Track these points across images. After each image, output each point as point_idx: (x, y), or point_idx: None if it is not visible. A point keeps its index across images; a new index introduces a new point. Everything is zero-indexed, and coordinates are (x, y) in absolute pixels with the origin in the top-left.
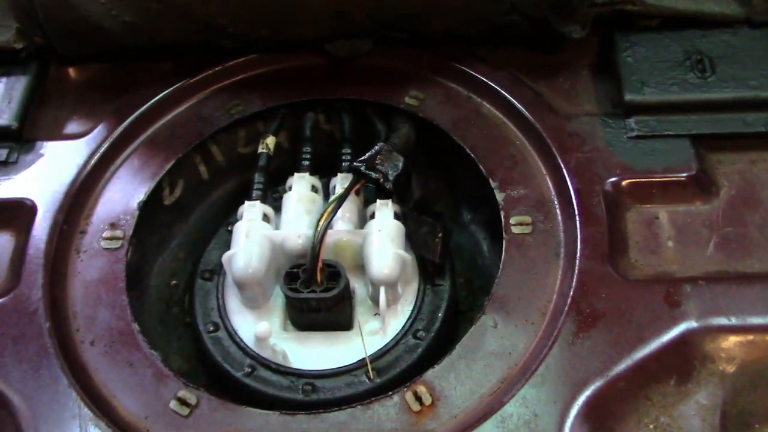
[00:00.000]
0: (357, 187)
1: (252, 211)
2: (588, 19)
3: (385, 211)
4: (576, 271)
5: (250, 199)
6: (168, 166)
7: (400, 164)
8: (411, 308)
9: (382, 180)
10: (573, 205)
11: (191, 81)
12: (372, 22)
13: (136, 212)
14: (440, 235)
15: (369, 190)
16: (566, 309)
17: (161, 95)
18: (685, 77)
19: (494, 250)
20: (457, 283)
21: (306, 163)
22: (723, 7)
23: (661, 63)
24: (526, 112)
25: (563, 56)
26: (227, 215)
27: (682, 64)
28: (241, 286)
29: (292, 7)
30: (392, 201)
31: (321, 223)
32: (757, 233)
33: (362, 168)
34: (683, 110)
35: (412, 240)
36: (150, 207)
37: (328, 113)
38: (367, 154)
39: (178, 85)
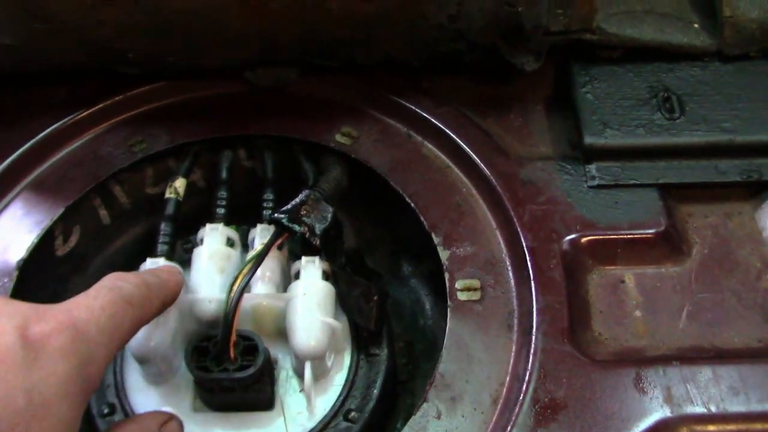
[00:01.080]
0: (278, 242)
1: None
2: (543, 49)
3: (311, 270)
4: (532, 350)
5: (153, 255)
6: (60, 212)
7: (329, 215)
8: (342, 383)
9: (308, 234)
10: (527, 266)
11: (87, 112)
12: (299, 47)
13: (15, 273)
14: (375, 298)
15: (294, 242)
16: (521, 397)
17: (51, 128)
18: (651, 118)
19: (438, 310)
20: (395, 349)
21: (221, 211)
22: (691, 38)
23: (624, 101)
24: (474, 155)
25: (514, 89)
26: (134, 266)
27: (647, 103)
28: (141, 360)
29: (204, 31)
30: (320, 258)
31: (235, 288)
32: (734, 300)
33: (284, 220)
34: (650, 156)
35: (343, 303)
36: (36, 262)
37: (249, 149)
38: (290, 204)
39: (71, 116)
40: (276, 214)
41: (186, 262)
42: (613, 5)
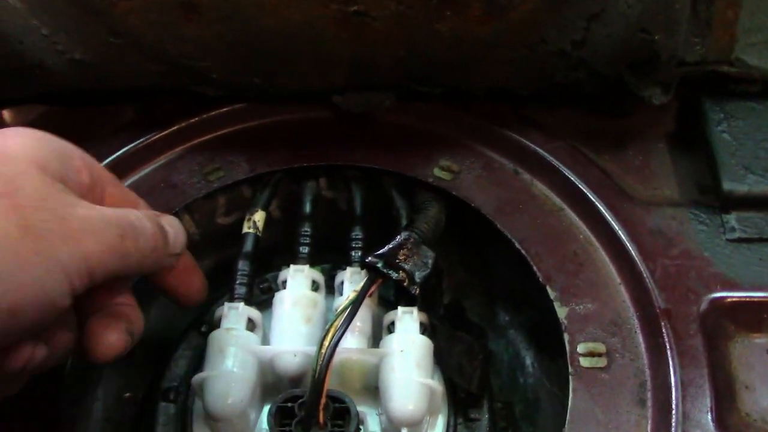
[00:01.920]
0: (373, 290)
1: (233, 316)
2: (673, 81)
3: (408, 323)
4: (673, 429)
5: (231, 299)
6: None
7: (431, 261)
8: None
9: (406, 282)
10: (661, 331)
11: (159, 135)
12: (399, 72)
13: None
14: (480, 357)
15: (386, 288)
16: None
17: (121, 151)
18: None
19: (540, 367)
20: (495, 412)
21: (305, 250)
22: None
23: (767, 142)
24: (592, 197)
25: (633, 123)
26: (202, 306)
27: None
28: (216, 419)
29: (296, 52)
30: (417, 308)
31: (326, 344)
32: None
33: (380, 265)
34: None
35: (442, 360)
36: None
37: (331, 178)
38: (386, 247)
39: (143, 139)
40: (370, 258)
41: (262, 304)
42: (752, 34)
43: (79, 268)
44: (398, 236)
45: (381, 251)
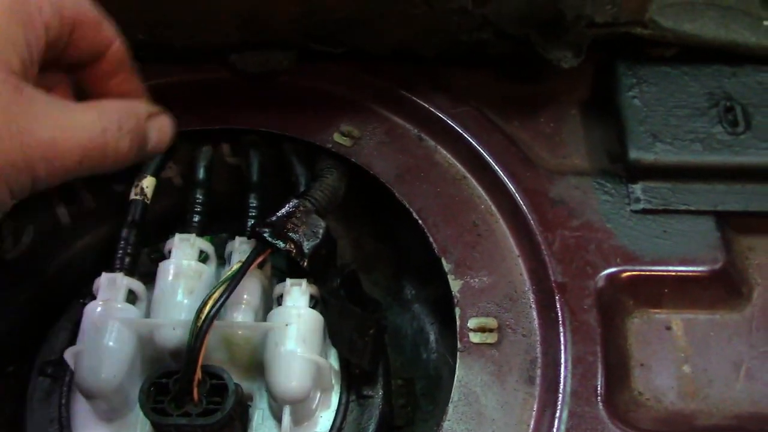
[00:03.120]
0: (258, 261)
1: (111, 288)
2: (584, 43)
3: (296, 296)
4: (558, 412)
5: (111, 268)
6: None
7: (321, 231)
8: (328, 429)
9: (294, 252)
10: (555, 306)
11: None
12: (296, 29)
13: None
14: (372, 332)
15: (280, 258)
16: None
17: None
18: (710, 131)
19: (444, 342)
20: (392, 388)
21: (195, 218)
22: (761, 37)
23: (678, 109)
24: (495, 165)
25: (546, 89)
26: (97, 273)
27: (706, 113)
28: (89, 395)
29: (183, 4)
30: (308, 281)
31: (202, 316)
32: None
33: (267, 235)
34: (707, 177)
35: (334, 335)
36: None
37: (235, 144)
38: (275, 215)
39: None
40: (258, 228)
41: (151, 276)
42: None
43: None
44: (288, 204)
45: (269, 219)
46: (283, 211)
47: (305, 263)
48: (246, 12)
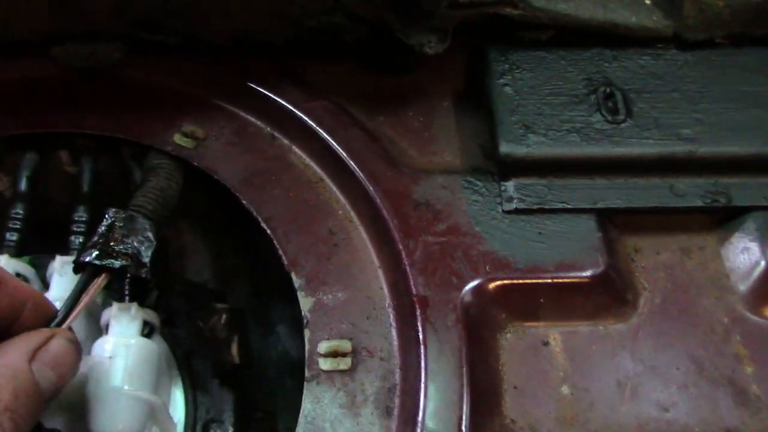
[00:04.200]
0: (93, 291)
1: None
2: (449, 26)
3: (124, 323)
4: None
5: None
6: None
7: (151, 234)
8: None
9: (132, 266)
10: (416, 324)
11: None
12: (119, 16)
13: None
14: (232, 323)
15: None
16: None
17: None
18: (588, 120)
19: None
20: (250, 422)
21: (12, 237)
22: (642, 17)
23: (553, 97)
24: (354, 166)
25: (416, 79)
26: None
27: (584, 100)
28: None
29: None
30: (138, 305)
31: None
32: (695, 371)
33: (94, 259)
34: (586, 171)
35: (196, 336)
36: None
37: (73, 150)
38: (95, 235)
39: None
40: (82, 258)
41: None
42: None
43: None
44: (105, 218)
45: (90, 242)
46: (102, 227)
47: (146, 273)
48: None
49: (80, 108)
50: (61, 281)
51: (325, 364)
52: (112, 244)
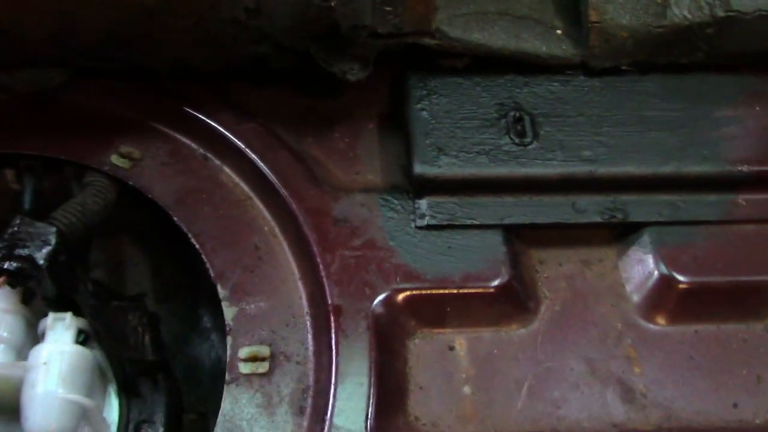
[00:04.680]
0: None
1: None
2: (370, 55)
3: (60, 331)
4: None
5: None
6: None
7: (52, 237)
8: None
9: (28, 269)
10: (330, 330)
11: None
12: (55, 45)
13: None
14: (144, 321)
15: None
16: None
17: None
18: (497, 143)
19: None
20: (184, 423)
21: None
22: (552, 46)
23: (466, 121)
24: (279, 185)
25: (343, 102)
26: None
27: (495, 124)
28: None
29: None
30: (73, 314)
31: None
32: (587, 371)
33: None
34: (494, 190)
35: (107, 342)
36: None
37: (18, 169)
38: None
39: None
40: None
41: None
42: (462, 5)
43: None
44: (10, 225)
45: None
46: (7, 233)
47: (41, 274)
48: None
49: (24, 130)
50: None
51: (244, 368)
52: (13, 249)
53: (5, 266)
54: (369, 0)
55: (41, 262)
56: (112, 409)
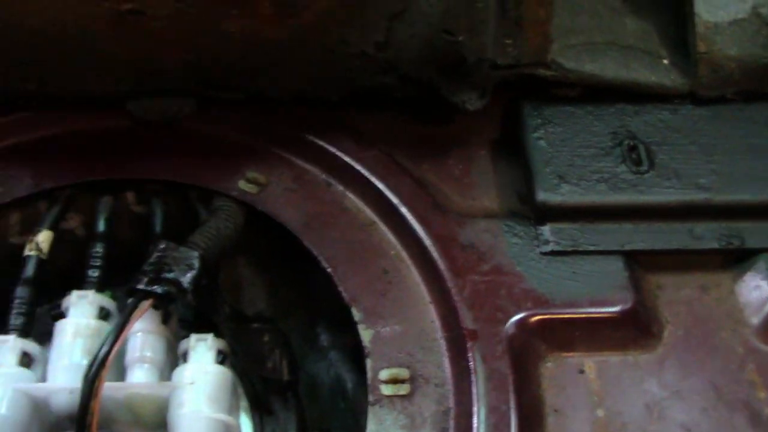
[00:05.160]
0: (139, 314)
1: (2, 351)
2: (488, 85)
3: (202, 352)
4: None
5: (5, 330)
6: None
7: (196, 262)
8: None
9: (175, 292)
10: (467, 353)
11: None
12: (190, 76)
13: None
14: (281, 341)
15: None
16: None
17: None
18: (615, 171)
19: (362, 390)
20: None
21: (93, 274)
22: (661, 76)
23: (583, 149)
24: (405, 211)
25: (455, 130)
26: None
27: (610, 152)
28: None
29: (68, 53)
30: (214, 336)
31: (88, 376)
32: (714, 396)
33: (143, 285)
34: (614, 217)
35: (243, 362)
36: None
37: (140, 192)
38: (147, 263)
39: None
40: (132, 282)
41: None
42: (572, 36)
43: None
44: (157, 249)
45: (142, 270)
46: (154, 257)
47: (189, 297)
48: (137, 61)
49: (151, 156)
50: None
51: (386, 390)
52: (160, 272)
53: (154, 289)
54: (492, 33)
55: (187, 285)
56: (245, 427)
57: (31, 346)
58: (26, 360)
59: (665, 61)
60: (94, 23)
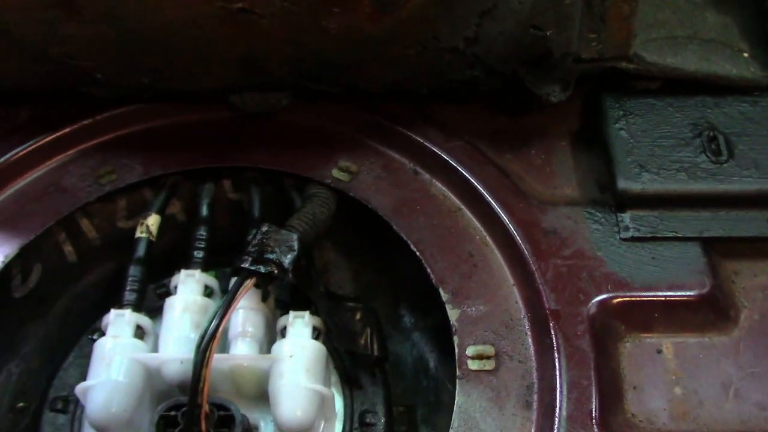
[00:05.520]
0: (244, 292)
1: (119, 324)
2: (571, 78)
3: (299, 328)
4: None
5: (119, 304)
6: (17, 248)
7: (295, 244)
8: None
9: (276, 272)
10: (550, 332)
11: (50, 137)
12: (292, 71)
13: None
14: (372, 319)
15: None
16: None
17: (7, 156)
18: (695, 161)
19: (443, 369)
20: (393, 416)
21: (198, 255)
22: (741, 69)
23: (663, 140)
24: (489, 197)
25: (536, 121)
26: (102, 310)
27: (690, 143)
28: (99, 428)
29: (182, 50)
30: (310, 313)
31: (201, 348)
32: None
33: (247, 265)
34: (693, 205)
35: (337, 335)
36: None
37: (236, 180)
38: (250, 245)
39: (31, 142)
40: (237, 261)
41: (158, 311)
42: (653, 30)
43: None
44: (259, 231)
45: (246, 251)
46: (257, 239)
47: (289, 276)
48: (243, 56)
49: (250, 146)
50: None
51: (473, 365)
52: (263, 253)
53: (258, 269)
54: (577, 27)
55: (287, 266)
56: (336, 399)
57: (144, 320)
58: (140, 332)
59: (745, 54)
60: (206, 21)
